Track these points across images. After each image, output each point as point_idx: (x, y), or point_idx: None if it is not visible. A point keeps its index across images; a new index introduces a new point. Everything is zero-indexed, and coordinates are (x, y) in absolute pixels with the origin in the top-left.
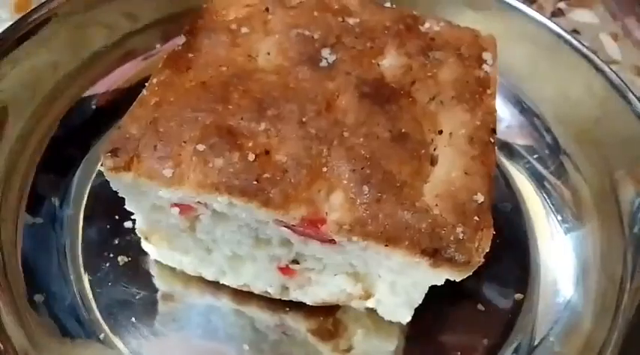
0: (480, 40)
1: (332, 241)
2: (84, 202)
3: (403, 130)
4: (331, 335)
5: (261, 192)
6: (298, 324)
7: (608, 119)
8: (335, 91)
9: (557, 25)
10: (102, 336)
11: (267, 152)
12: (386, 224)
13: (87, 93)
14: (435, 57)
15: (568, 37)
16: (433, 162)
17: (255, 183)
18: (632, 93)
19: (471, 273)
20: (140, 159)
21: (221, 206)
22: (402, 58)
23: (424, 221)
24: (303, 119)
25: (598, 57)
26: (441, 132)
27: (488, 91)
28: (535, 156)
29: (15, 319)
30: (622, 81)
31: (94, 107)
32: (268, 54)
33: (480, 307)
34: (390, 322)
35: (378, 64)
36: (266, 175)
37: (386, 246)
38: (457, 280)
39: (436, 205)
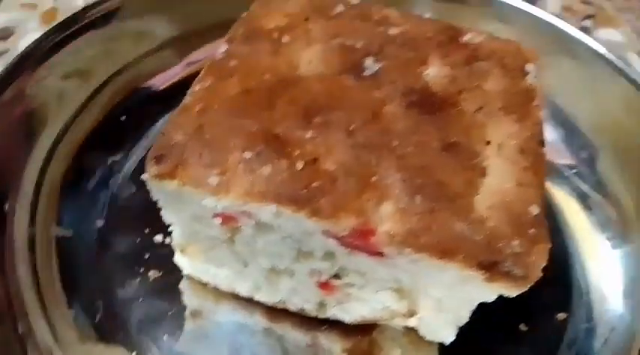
0: (522, 51)
1: (380, 254)
2: (114, 215)
3: (453, 140)
4: None
5: (310, 201)
6: (332, 343)
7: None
8: (381, 100)
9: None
10: (134, 354)
11: (315, 160)
12: (440, 235)
13: (119, 103)
14: (480, 67)
15: (605, 52)
16: (483, 173)
17: (304, 191)
18: None
19: (526, 289)
20: (185, 167)
21: (267, 216)
22: (446, 68)
23: (480, 233)
24: (351, 127)
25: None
26: (489, 142)
27: (535, 103)
28: (574, 171)
29: (48, 331)
30: None
31: (124, 118)
32: (310, 63)
33: (523, 327)
34: (429, 343)
35: (423, 74)
36: (315, 184)
37: (440, 258)
38: (512, 296)
39: (490, 217)
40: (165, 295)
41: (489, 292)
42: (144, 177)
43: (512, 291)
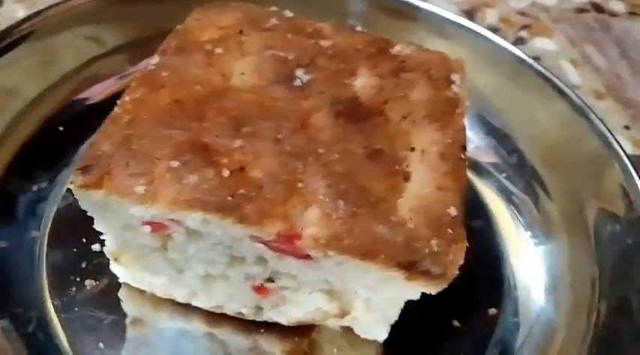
0: (448, 62)
1: (308, 257)
2: (49, 225)
3: (377, 147)
4: None
5: (236, 208)
6: (272, 346)
7: (571, 140)
8: (309, 110)
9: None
10: None
11: (242, 169)
12: (362, 238)
13: (57, 115)
14: (406, 78)
15: (531, 61)
16: (406, 178)
17: (230, 199)
18: (594, 114)
19: (446, 286)
20: (111, 177)
21: (195, 223)
22: (374, 78)
23: (400, 235)
24: (279, 136)
25: (560, 80)
26: (413, 149)
27: (458, 111)
28: (504, 175)
29: None
30: (584, 102)
31: (61, 128)
32: (243, 74)
33: (456, 323)
34: (366, 341)
35: (351, 85)
36: (241, 191)
37: (362, 260)
38: (433, 293)
39: (410, 219)
40: (103, 304)
41: (411, 290)
42: (70, 186)
43: (432, 289)
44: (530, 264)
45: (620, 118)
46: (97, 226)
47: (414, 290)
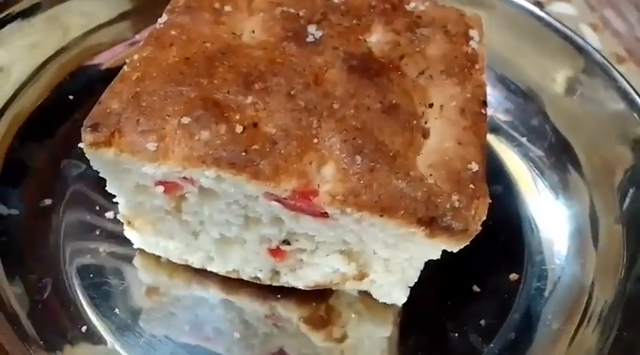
0: (465, 18)
1: (325, 215)
2: (63, 193)
3: (394, 102)
4: (324, 322)
5: (250, 163)
6: (290, 312)
7: (593, 100)
8: (323, 65)
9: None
10: (84, 329)
11: (255, 124)
12: (380, 193)
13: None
14: (423, 33)
15: (551, 20)
16: (425, 134)
17: (244, 154)
18: (618, 72)
19: (468, 243)
20: (122, 134)
21: (208, 181)
22: (389, 34)
23: (419, 190)
24: (292, 92)
25: (580, 37)
26: (431, 105)
27: (477, 66)
28: (525, 138)
29: None
30: (607, 60)
31: (71, 97)
32: (253, 32)
33: (476, 288)
34: (385, 306)
35: (365, 41)
36: (255, 147)
37: (381, 216)
38: (454, 251)
39: (430, 175)
40: (117, 271)
41: (432, 248)
42: (80, 145)
43: (453, 246)
44: (554, 228)
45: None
46: (110, 188)
47: (435, 247)
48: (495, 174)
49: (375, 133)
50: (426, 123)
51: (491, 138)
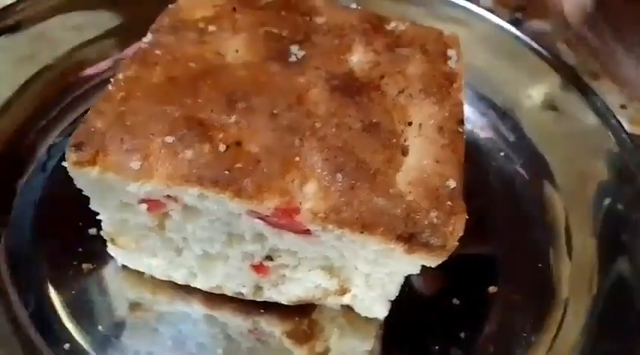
0: (443, 38)
1: (307, 231)
2: (45, 209)
3: (374, 121)
4: (307, 337)
5: (233, 182)
6: (273, 327)
7: (567, 114)
8: (305, 85)
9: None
10: (67, 346)
11: (238, 143)
12: (361, 211)
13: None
14: (402, 53)
15: (527, 39)
16: (404, 152)
17: (227, 173)
18: (591, 89)
19: (445, 258)
20: (106, 153)
21: (192, 199)
22: (370, 54)
23: (399, 207)
24: (275, 111)
25: (556, 54)
26: (410, 123)
27: (455, 85)
28: (502, 153)
29: None
30: (580, 78)
31: (55, 113)
32: (237, 51)
33: (456, 301)
34: (367, 320)
35: (347, 60)
36: (238, 165)
37: (361, 232)
38: (432, 266)
39: (410, 192)
40: (101, 288)
41: (411, 264)
42: (64, 164)
43: (432, 261)
44: (530, 242)
45: (614, 98)
46: (93, 206)
47: (414, 263)
48: (473, 189)
49: (355, 151)
50: (405, 141)
51: (468, 154)
